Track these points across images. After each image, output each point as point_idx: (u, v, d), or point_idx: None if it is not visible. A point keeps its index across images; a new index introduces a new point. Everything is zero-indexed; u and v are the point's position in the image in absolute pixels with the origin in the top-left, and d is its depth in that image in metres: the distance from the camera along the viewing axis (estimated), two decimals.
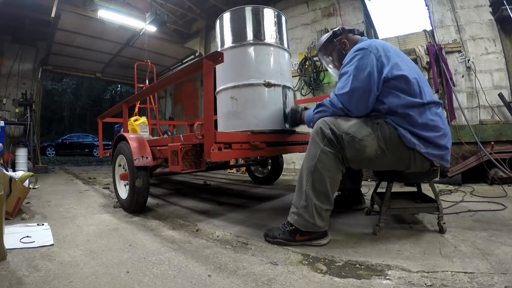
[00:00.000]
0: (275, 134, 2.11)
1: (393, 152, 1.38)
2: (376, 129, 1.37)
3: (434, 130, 1.38)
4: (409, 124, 1.37)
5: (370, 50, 1.42)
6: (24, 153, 5.61)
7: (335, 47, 1.73)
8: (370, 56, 1.40)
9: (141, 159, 2.05)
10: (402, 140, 1.36)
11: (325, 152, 1.35)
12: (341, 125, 1.37)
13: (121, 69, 8.09)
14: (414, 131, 1.36)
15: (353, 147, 1.34)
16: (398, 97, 1.37)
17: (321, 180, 1.35)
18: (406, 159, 1.41)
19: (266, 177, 3.76)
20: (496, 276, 1.03)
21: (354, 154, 1.35)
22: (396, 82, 1.37)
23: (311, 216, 1.36)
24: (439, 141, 1.39)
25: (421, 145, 1.36)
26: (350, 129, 1.35)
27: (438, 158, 1.40)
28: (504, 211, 1.96)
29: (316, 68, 4.90)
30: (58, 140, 14.48)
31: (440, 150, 1.40)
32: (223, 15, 2.29)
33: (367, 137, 1.34)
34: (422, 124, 1.36)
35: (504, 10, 3.48)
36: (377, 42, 1.49)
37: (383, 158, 1.40)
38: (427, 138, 1.37)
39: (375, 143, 1.35)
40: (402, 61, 1.45)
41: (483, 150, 3.19)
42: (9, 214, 1.99)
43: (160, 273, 1.16)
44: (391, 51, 1.45)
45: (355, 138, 1.33)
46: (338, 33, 1.72)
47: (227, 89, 2.19)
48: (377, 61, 1.39)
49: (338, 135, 1.35)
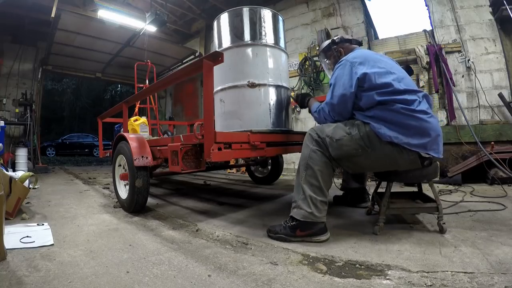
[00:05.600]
0: (275, 134, 2.12)
1: (375, 149, 1.47)
2: (355, 129, 1.51)
3: (412, 117, 1.41)
4: (385, 112, 1.45)
5: (348, 60, 1.61)
6: (24, 153, 5.61)
7: (332, 54, 1.92)
8: (346, 66, 1.59)
9: (141, 159, 2.05)
10: (378, 137, 1.44)
11: (314, 150, 1.55)
12: (324, 129, 1.59)
13: (121, 69, 8.09)
14: (390, 121, 1.43)
15: (333, 146, 1.52)
16: (372, 93, 1.49)
17: (313, 175, 1.51)
18: (390, 155, 1.46)
19: (266, 177, 3.76)
20: (496, 276, 1.03)
21: (335, 152, 1.52)
22: (367, 82, 1.50)
23: (308, 207, 1.48)
24: (418, 129, 1.41)
25: (399, 136, 1.42)
26: (329, 132, 1.56)
27: (421, 148, 1.42)
28: (504, 211, 1.96)
29: (316, 68, 4.90)
30: (58, 140, 14.45)
31: (421, 138, 1.41)
32: (220, 16, 2.31)
33: (344, 137, 1.51)
34: (398, 112, 1.42)
35: (504, 10, 3.48)
36: (361, 52, 1.70)
37: (368, 157, 1.50)
38: (405, 125, 1.42)
39: (353, 142, 1.49)
40: (379, 65, 1.55)
41: (483, 150, 3.19)
42: (9, 214, 1.99)
43: (160, 273, 1.16)
44: (370, 58, 1.59)
45: (333, 138, 1.53)
46: (336, 42, 1.89)
47: (216, 92, 2.25)
48: (352, 68, 1.56)
49: (322, 137, 1.56)
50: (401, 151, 1.44)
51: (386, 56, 1.77)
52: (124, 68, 7.83)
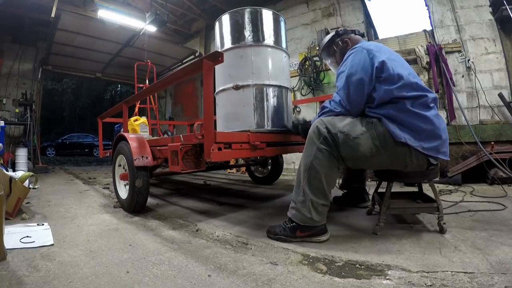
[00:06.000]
0: (275, 134, 2.12)
1: (388, 150, 1.41)
2: (371, 127, 1.40)
3: (425, 120, 1.37)
4: (398, 112, 1.38)
5: (363, 47, 1.49)
6: (24, 153, 5.61)
7: (338, 46, 1.79)
8: (362, 52, 1.47)
9: (141, 159, 2.05)
10: (393, 137, 1.38)
11: (321, 149, 1.40)
12: (336, 124, 1.42)
13: (121, 69, 8.09)
14: (402, 121, 1.37)
15: (347, 144, 1.38)
16: (388, 85, 1.39)
17: (317, 176, 1.40)
18: (401, 156, 1.42)
19: (266, 177, 3.76)
20: (496, 276, 1.03)
21: (348, 152, 1.39)
22: (385, 72, 1.40)
23: (308, 211, 1.40)
24: (430, 131, 1.38)
25: (412, 139, 1.37)
26: (344, 127, 1.39)
27: (433, 151, 1.39)
28: (504, 211, 1.96)
29: (316, 68, 4.90)
30: (58, 140, 14.45)
31: (432, 141, 1.38)
32: (222, 17, 2.31)
33: (362, 135, 1.38)
34: (411, 113, 1.37)
35: (504, 10, 3.48)
36: (373, 42, 1.58)
37: (379, 157, 1.42)
38: (417, 128, 1.37)
39: (369, 142, 1.38)
40: (394, 58, 1.48)
41: (483, 150, 3.19)
42: (9, 214, 1.98)
43: (160, 273, 1.16)
44: (383, 49, 1.51)
45: (349, 136, 1.37)
46: (340, 33, 1.78)
47: (217, 93, 2.28)
48: (369, 54, 1.45)
49: (333, 133, 1.40)
50: (411, 153, 1.39)
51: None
52: (124, 68, 7.83)
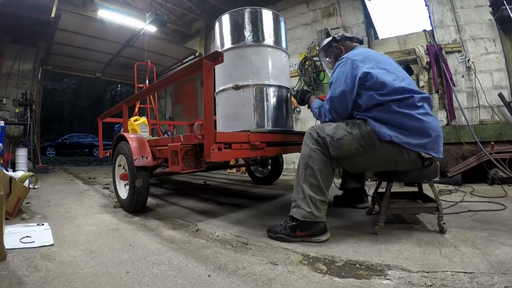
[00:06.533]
0: (275, 134, 2.12)
1: (375, 150, 1.47)
2: (356, 128, 1.51)
3: (412, 118, 1.41)
4: (384, 113, 1.44)
5: (348, 58, 1.61)
6: (24, 153, 5.61)
7: (333, 51, 1.91)
8: (347, 63, 1.59)
9: (141, 159, 2.05)
10: (378, 136, 1.44)
11: (314, 149, 1.54)
12: (325, 128, 1.58)
13: (121, 69, 8.09)
14: (390, 122, 1.43)
15: (333, 146, 1.51)
16: (372, 92, 1.49)
17: (313, 174, 1.51)
18: (390, 154, 1.46)
19: (266, 177, 3.76)
20: (496, 276, 1.03)
21: (336, 152, 1.52)
22: (369, 81, 1.49)
23: (308, 206, 1.48)
24: (418, 129, 1.41)
25: (399, 135, 1.42)
26: (330, 131, 1.55)
27: (421, 147, 1.42)
28: (504, 211, 1.96)
29: (316, 68, 4.90)
30: (58, 140, 14.44)
31: (420, 139, 1.41)
32: (221, 17, 2.31)
33: (345, 137, 1.50)
34: (398, 113, 1.42)
35: (504, 10, 3.48)
36: (362, 50, 1.69)
37: (368, 156, 1.50)
38: (404, 126, 1.42)
39: (354, 142, 1.49)
40: (380, 65, 1.54)
41: (483, 150, 3.19)
42: (9, 214, 1.98)
43: (160, 273, 1.16)
44: (370, 57, 1.58)
45: (334, 138, 1.52)
46: (337, 40, 1.89)
47: (217, 93, 2.27)
48: (353, 65, 1.56)
49: (322, 137, 1.55)
50: (401, 150, 1.44)
51: (386, 55, 1.76)
52: (124, 68, 7.83)
